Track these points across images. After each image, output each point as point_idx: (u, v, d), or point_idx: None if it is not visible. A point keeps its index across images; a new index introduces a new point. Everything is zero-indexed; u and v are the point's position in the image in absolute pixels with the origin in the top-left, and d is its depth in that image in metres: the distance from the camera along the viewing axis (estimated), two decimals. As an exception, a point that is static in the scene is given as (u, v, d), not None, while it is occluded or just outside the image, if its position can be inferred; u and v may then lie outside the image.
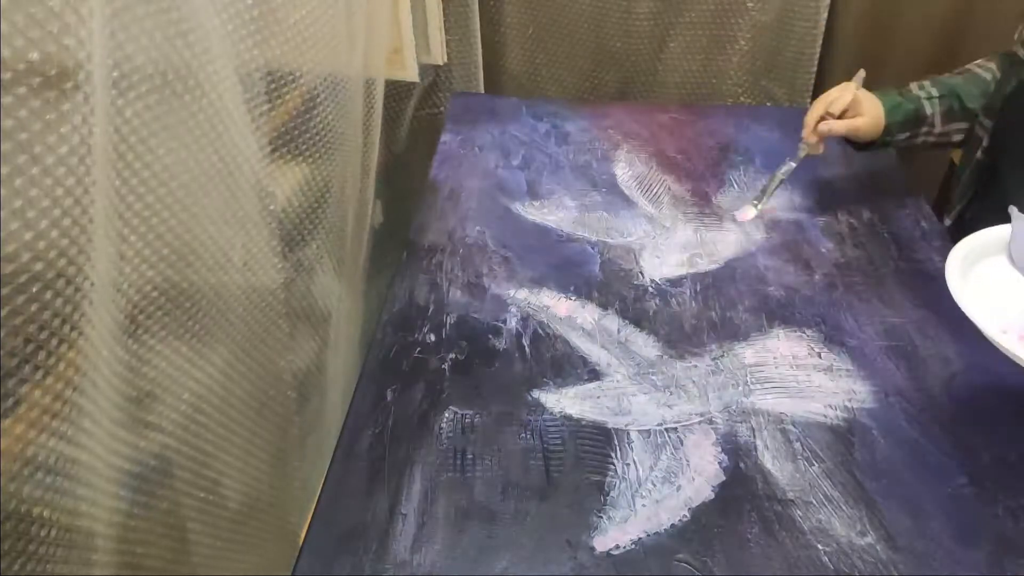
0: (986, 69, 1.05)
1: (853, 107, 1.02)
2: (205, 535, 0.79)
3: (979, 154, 1.03)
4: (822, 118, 1.01)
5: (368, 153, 1.15)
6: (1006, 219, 0.89)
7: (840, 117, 1.01)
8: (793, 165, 1.06)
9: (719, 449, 0.76)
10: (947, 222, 1.09)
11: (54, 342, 0.47)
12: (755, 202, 1.08)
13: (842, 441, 0.77)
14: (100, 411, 0.55)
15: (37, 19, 0.44)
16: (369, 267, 1.25)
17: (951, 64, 1.41)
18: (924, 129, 1.05)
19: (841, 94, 1.01)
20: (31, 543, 0.48)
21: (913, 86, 1.06)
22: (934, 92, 1.05)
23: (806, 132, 1.03)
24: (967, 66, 1.07)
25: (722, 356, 0.87)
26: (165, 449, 0.68)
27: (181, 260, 0.65)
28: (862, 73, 1.06)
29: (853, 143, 1.08)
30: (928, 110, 1.04)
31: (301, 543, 0.69)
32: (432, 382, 0.83)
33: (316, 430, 1.07)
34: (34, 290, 0.46)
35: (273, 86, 0.75)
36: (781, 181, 1.07)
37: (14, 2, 0.42)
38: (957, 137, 1.06)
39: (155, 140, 0.58)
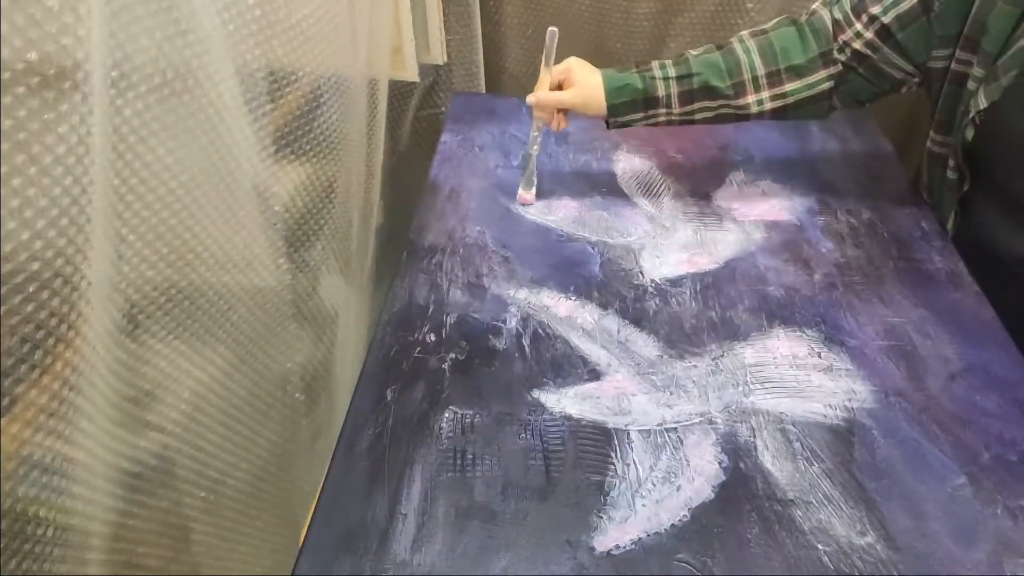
0: (746, 49, 1.00)
1: (569, 80, 1.02)
2: (210, 536, 0.79)
3: (949, 173, 1.00)
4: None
5: (373, 153, 1.15)
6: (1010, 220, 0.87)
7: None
8: (533, 149, 1.09)
9: (719, 449, 0.76)
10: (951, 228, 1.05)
11: (51, 342, 0.47)
12: (526, 187, 1.10)
13: (842, 441, 0.77)
14: (98, 410, 0.55)
15: (35, 19, 0.44)
16: (376, 268, 1.25)
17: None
18: (663, 111, 1.02)
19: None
20: (27, 542, 0.49)
21: (655, 64, 1.02)
22: (672, 72, 1.00)
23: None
24: (737, 37, 1.03)
25: (722, 356, 0.87)
26: (166, 449, 0.68)
27: (181, 260, 0.65)
28: (551, 31, 1.02)
29: (607, 122, 1.06)
30: (661, 92, 1.00)
31: (301, 543, 0.69)
32: (432, 382, 0.83)
33: (326, 432, 1.07)
34: (31, 290, 0.46)
35: (276, 86, 0.75)
36: (533, 158, 1.09)
37: (13, 2, 0.42)
38: (702, 115, 1.03)
39: (155, 140, 0.58)
